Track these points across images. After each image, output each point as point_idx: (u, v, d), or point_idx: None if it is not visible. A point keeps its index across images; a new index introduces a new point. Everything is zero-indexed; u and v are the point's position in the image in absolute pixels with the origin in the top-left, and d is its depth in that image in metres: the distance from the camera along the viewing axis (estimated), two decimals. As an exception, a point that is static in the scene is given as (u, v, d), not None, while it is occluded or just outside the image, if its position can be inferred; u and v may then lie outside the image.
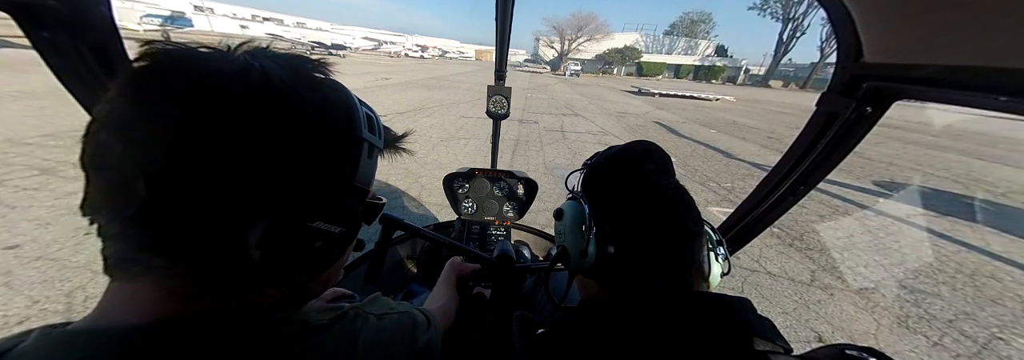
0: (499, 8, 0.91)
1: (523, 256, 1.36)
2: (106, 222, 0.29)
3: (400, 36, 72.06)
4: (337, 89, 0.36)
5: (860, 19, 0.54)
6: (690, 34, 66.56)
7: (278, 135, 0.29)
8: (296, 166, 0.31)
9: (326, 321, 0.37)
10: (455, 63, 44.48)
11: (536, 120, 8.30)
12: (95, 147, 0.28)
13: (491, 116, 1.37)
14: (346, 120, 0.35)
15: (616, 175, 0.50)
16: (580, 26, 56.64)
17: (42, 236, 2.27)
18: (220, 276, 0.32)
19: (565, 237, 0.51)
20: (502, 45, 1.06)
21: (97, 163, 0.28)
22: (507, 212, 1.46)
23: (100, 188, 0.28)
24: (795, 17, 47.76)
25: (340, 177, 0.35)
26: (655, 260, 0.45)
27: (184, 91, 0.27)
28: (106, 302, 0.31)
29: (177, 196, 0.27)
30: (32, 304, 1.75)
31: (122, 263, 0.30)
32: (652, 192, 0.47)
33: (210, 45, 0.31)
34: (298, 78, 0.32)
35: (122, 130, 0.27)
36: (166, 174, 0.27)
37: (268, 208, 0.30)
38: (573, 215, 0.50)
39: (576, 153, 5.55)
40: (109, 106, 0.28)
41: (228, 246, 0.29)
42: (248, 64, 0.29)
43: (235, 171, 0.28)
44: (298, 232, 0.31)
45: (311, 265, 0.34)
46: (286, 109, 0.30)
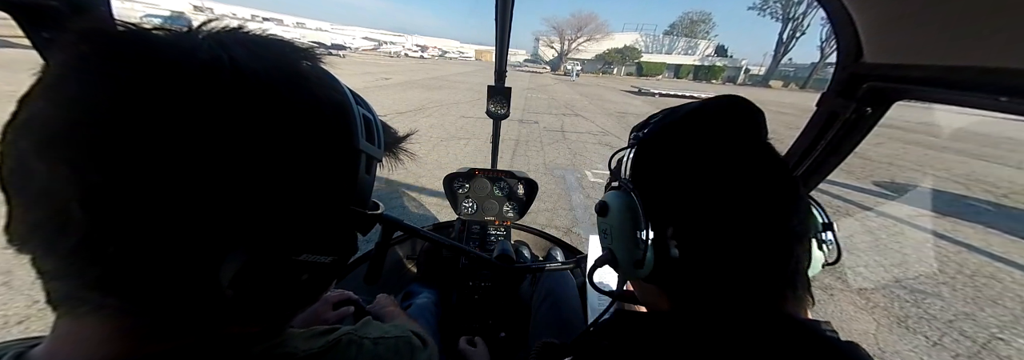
0: (499, 8, 0.91)
1: (523, 256, 1.36)
2: (40, 256, 0.24)
3: (400, 36, 72.07)
4: (329, 86, 0.29)
5: (860, 19, 0.54)
6: (690, 34, 66.53)
7: (254, 148, 0.23)
8: (277, 186, 0.24)
9: (317, 350, 0.31)
10: (455, 63, 44.49)
11: (536, 120, 8.30)
12: (15, 161, 0.22)
13: (491, 116, 1.37)
14: (340, 127, 0.29)
15: (681, 152, 0.37)
16: (580, 26, 56.67)
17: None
18: (184, 315, 0.26)
19: (611, 238, 0.40)
20: (502, 45, 1.07)
21: (17, 182, 0.22)
22: (507, 212, 1.46)
23: (24, 215, 0.22)
24: (795, 17, 47.77)
25: (332, 199, 0.29)
26: (741, 272, 0.33)
27: (131, 90, 0.20)
28: (55, 338, 0.26)
29: (126, 225, 0.21)
30: (32, 304, 1.75)
31: (66, 300, 0.25)
32: (737, 175, 0.34)
33: (166, 27, 0.24)
34: (280, 72, 0.25)
35: (49, 141, 0.20)
36: (110, 198, 0.20)
37: (243, 239, 0.24)
38: (620, 211, 0.38)
39: (576, 153, 5.55)
40: (30, 108, 0.21)
41: (194, 284, 0.24)
42: (215, 55, 0.22)
43: (199, 193, 0.22)
44: (281, 266, 0.26)
45: (296, 301, 0.30)
46: (266, 113, 0.23)
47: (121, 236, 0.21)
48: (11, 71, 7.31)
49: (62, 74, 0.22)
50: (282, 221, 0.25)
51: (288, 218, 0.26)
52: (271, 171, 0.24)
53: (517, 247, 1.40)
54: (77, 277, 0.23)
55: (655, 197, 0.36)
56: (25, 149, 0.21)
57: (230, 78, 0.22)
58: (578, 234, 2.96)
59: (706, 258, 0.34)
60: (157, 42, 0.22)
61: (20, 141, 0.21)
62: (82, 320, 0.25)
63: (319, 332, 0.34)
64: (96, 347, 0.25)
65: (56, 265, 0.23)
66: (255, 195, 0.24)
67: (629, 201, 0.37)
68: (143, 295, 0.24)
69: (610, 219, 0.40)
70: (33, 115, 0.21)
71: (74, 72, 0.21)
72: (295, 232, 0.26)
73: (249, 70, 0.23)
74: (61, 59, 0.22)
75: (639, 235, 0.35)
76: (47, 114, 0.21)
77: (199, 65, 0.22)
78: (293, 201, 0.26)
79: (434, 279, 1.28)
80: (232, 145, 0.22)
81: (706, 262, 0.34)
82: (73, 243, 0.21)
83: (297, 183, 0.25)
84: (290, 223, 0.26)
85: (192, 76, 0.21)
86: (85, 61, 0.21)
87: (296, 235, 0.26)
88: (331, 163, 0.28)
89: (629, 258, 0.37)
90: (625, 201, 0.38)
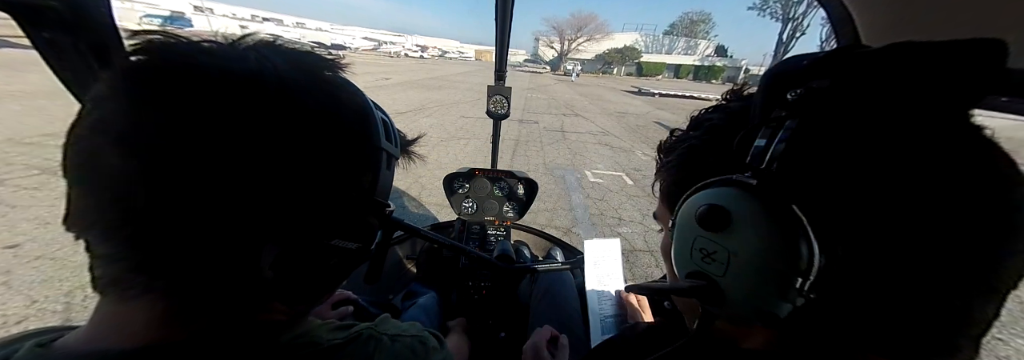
0: (499, 8, 0.91)
1: (523, 256, 1.36)
2: (98, 240, 0.26)
3: (400, 36, 72.07)
4: (352, 92, 0.32)
5: (860, 19, 0.54)
6: (690, 34, 66.55)
7: (296, 146, 0.26)
8: (314, 180, 0.28)
9: (339, 341, 0.33)
10: (455, 63, 44.48)
11: (536, 120, 8.30)
12: (86, 155, 0.24)
13: (491, 116, 1.37)
14: (364, 128, 0.32)
15: (900, 134, 0.22)
16: (580, 26, 56.70)
17: (42, 235, 2.26)
18: (226, 296, 0.29)
19: (728, 269, 0.26)
20: (502, 45, 1.06)
21: (87, 174, 0.25)
22: (507, 212, 1.46)
23: (89, 202, 0.25)
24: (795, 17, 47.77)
25: (360, 191, 0.33)
26: (925, 323, 0.23)
27: (194, 95, 0.24)
28: (98, 323, 0.28)
29: (183, 213, 0.24)
30: (31, 304, 1.75)
31: (116, 283, 0.27)
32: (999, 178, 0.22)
33: (210, 38, 0.28)
34: (314, 81, 0.29)
35: (121, 137, 0.23)
36: (171, 189, 0.23)
37: (283, 226, 0.27)
38: (767, 233, 0.23)
39: (576, 153, 5.55)
40: (102, 108, 0.24)
41: (239, 266, 0.27)
42: (261, 65, 0.26)
43: (249, 185, 0.25)
44: (315, 251, 0.30)
45: (326, 283, 0.33)
46: (304, 117, 0.27)
47: (178, 222, 0.24)
48: (12, 71, 7.31)
49: (132, 79, 0.25)
50: (317, 209, 0.29)
51: (322, 207, 0.29)
52: (309, 165, 0.27)
53: (517, 247, 1.40)
54: (132, 260, 0.26)
55: (843, 209, 0.22)
56: (101, 144, 0.24)
57: (275, 86, 0.25)
58: (578, 234, 2.96)
59: (883, 301, 0.23)
60: (210, 53, 0.26)
61: (96, 137, 0.24)
62: (129, 304, 0.27)
63: (338, 326, 0.36)
64: (141, 330, 0.27)
65: (114, 249, 0.26)
66: (295, 186, 0.27)
67: (783, 213, 0.23)
68: (191, 277, 0.27)
69: (733, 238, 0.25)
70: (107, 114, 0.24)
71: (141, 78, 0.24)
72: (328, 220, 0.30)
73: (289, 79, 0.26)
74: (128, 66, 0.25)
75: (798, 271, 0.22)
76: (121, 114, 0.24)
77: (249, 74, 0.25)
78: (327, 192, 0.29)
79: (434, 279, 1.28)
80: (279, 144, 0.25)
81: (880, 305, 0.23)
82: (133, 229, 0.24)
83: (330, 176, 0.29)
84: (324, 211, 0.29)
85: (242, 84, 0.25)
86: (150, 69, 0.25)
87: (329, 222, 0.30)
88: (358, 160, 0.32)
89: (760, 304, 0.24)
90: (775, 213, 0.23)
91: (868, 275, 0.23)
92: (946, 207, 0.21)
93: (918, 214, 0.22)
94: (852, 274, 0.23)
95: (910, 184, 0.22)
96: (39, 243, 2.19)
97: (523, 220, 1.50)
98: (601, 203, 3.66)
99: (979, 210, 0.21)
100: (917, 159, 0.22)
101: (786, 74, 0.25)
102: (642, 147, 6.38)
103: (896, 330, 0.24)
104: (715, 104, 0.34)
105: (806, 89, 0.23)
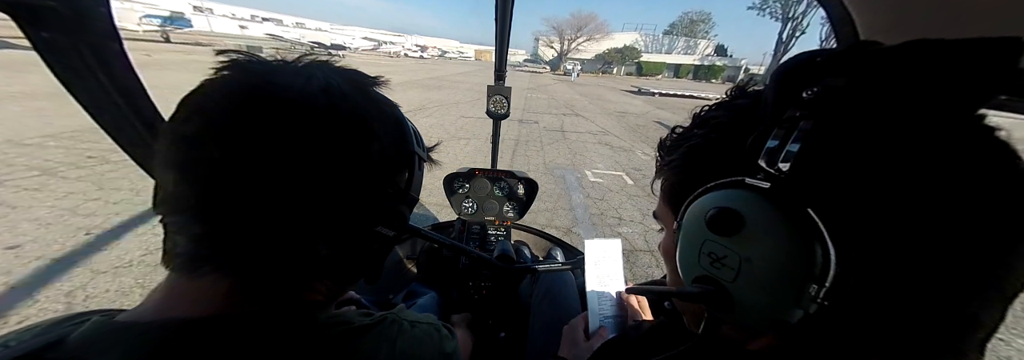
0: (499, 8, 0.91)
1: (523, 256, 1.36)
2: (189, 221, 0.30)
3: (399, 36, 72.06)
4: (391, 104, 0.38)
5: (859, 19, 0.54)
6: (689, 34, 66.51)
7: (352, 148, 0.32)
8: (365, 176, 0.33)
9: (368, 322, 0.37)
10: (455, 63, 44.47)
11: (536, 120, 8.30)
12: (192, 150, 0.29)
13: (491, 116, 1.37)
14: (401, 135, 0.38)
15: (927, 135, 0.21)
16: (580, 26, 56.66)
17: (43, 236, 2.27)
18: (285, 273, 0.33)
19: (740, 274, 0.25)
20: (502, 45, 1.06)
21: (189, 166, 0.29)
22: (507, 212, 1.46)
23: (185, 189, 0.29)
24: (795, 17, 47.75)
25: (398, 187, 0.38)
26: (928, 327, 0.23)
27: (278, 105, 0.29)
28: (168, 295, 0.32)
29: (263, 199, 0.29)
30: (31, 304, 1.75)
31: (194, 259, 0.31)
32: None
33: (277, 57, 0.34)
34: (365, 96, 0.35)
35: (222, 137, 0.28)
36: (257, 179, 0.28)
37: (340, 213, 0.33)
38: (783, 239, 0.23)
39: (576, 153, 5.55)
40: (205, 114, 0.29)
41: (299, 247, 0.32)
42: (328, 83, 0.31)
43: (320, 180, 0.30)
44: (363, 234, 0.35)
45: (368, 264, 0.39)
46: (359, 125, 0.32)
47: (258, 207, 0.29)
48: (11, 71, 7.31)
49: (227, 93, 0.30)
50: (365, 201, 0.34)
51: (369, 199, 0.34)
52: (362, 165, 0.33)
53: (517, 247, 1.40)
54: (216, 238, 0.30)
55: (865, 214, 0.22)
56: (206, 142, 0.28)
57: (338, 99, 0.31)
58: (578, 234, 2.96)
59: (893, 303, 0.22)
60: (285, 71, 0.32)
61: (202, 136, 0.28)
62: (201, 279, 0.31)
63: (364, 312, 0.40)
64: (210, 302, 0.31)
65: (200, 229, 0.30)
66: (350, 181, 0.32)
67: (800, 218, 0.22)
68: (258, 256, 0.31)
69: (745, 243, 0.24)
70: (212, 119, 0.29)
71: (234, 92, 0.30)
72: (373, 209, 0.35)
73: (348, 94, 0.32)
74: (221, 80, 0.31)
75: (812, 278, 0.22)
76: (222, 119, 0.29)
77: (318, 89, 0.30)
78: (373, 187, 0.35)
79: (434, 279, 1.28)
80: (343, 147, 0.31)
81: (889, 307, 0.22)
82: (221, 212, 0.29)
83: (376, 174, 0.35)
84: (371, 202, 0.34)
85: (313, 96, 0.30)
86: (241, 83, 0.30)
87: (374, 212, 0.35)
88: (397, 161, 0.38)
89: (772, 312, 0.24)
90: (792, 218, 0.22)
91: (882, 280, 0.22)
92: (963, 211, 0.21)
93: (934, 218, 0.21)
94: (866, 279, 0.22)
95: (928, 187, 0.21)
96: (40, 244, 2.19)
97: (523, 220, 1.50)
98: (601, 203, 3.66)
99: (995, 214, 0.21)
100: (936, 161, 0.21)
101: (799, 71, 0.24)
102: (642, 147, 6.38)
103: (904, 334, 0.23)
104: (719, 101, 0.33)
105: (823, 87, 0.22)
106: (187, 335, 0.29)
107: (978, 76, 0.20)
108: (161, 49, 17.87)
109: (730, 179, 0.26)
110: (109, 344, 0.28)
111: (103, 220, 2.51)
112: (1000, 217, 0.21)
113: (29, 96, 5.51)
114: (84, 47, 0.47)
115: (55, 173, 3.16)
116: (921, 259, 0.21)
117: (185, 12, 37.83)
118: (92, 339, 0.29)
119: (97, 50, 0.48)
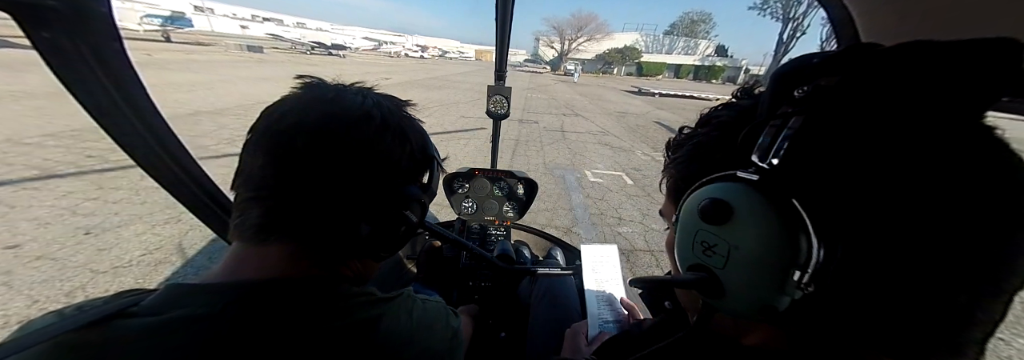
0: (499, 8, 0.91)
1: (523, 256, 1.36)
2: (268, 196, 0.38)
3: (400, 36, 72.07)
4: (418, 120, 0.48)
5: (860, 19, 0.54)
6: (690, 34, 66.50)
7: (393, 151, 0.41)
8: (402, 171, 0.43)
9: (388, 296, 0.45)
10: (455, 63, 44.49)
11: (536, 120, 8.30)
12: (285, 140, 0.37)
13: (491, 116, 1.37)
14: (425, 142, 0.47)
15: (921, 128, 0.22)
16: (580, 26, 56.64)
17: (42, 235, 2.27)
18: (331, 247, 0.41)
19: (729, 261, 0.26)
20: (502, 45, 1.07)
21: (280, 152, 0.37)
22: (507, 212, 1.45)
23: (270, 172, 0.37)
24: (795, 17, 47.75)
25: (423, 181, 0.48)
26: (928, 324, 0.23)
27: (350, 114, 0.39)
28: (236, 261, 0.39)
29: (328, 182, 0.38)
30: (32, 304, 1.75)
31: (265, 229, 0.38)
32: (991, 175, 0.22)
33: (334, 80, 0.45)
34: (403, 111, 0.45)
35: (309, 131, 0.37)
36: (327, 166, 0.37)
37: (381, 198, 0.41)
38: (764, 221, 0.24)
39: (576, 153, 5.55)
40: (295, 115, 0.38)
41: (349, 222, 0.40)
42: (378, 101, 0.42)
43: (370, 170, 0.40)
44: (396, 217, 0.43)
45: (397, 242, 0.45)
46: (400, 133, 0.42)
47: (322, 188, 0.38)
48: (12, 71, 7.31)
49: (307, 101, 0.40)
50: (399, 190, 0.43)
51: (401, 188, 0.43)
52: (401, 164, 0.43)
53: (517, 247, 1.40)
54: (286, 209, 0.38)
55: (844, 204, 0.22)
56: (295, 134, 0.37)
57: (386, 112, 0.41)
58: (578, 234, 2.96)
59: (888, 296, 0.23)
60: (345, 89, 0.43)
61: (292, 130, 0.37)
62: (267, 247, 0.38)
63: (384, 291, 0.47)
64: (274, 266, 0.38)
65: (274, 204, 0.38)
66: (393, 175, 0.42)
67: (784, 207, 0.23)
68: (316, 228, 0.39)
69: (734, 231, 0.26)
70: (301, 120, 0.38)
71: (313, 101, 0.40)
72: (404, 197, 0.43)
73: (391, 108, 0.43)
74: (304, 93, 0.41)
75: (796, 265, 0.23)
76: (308, 120, 0.38)
77: (372, 104, 0.41)
78: (406, 178, 0.45)
79: (434, 279, 1.28)
80: (390, 150, 0.41)
81: (886, 301, 0.23)
82: (295, 188, 0.37)
83: (411, 171, 0.45)
84: (402, 191, 0.43)
85: (370, 109, 0.40)
86: (319, 96, 0.40)
87: (404, 199, 0.43)
88: (422, 162, 0.47)
89: (759, 297, 0.25)
90: (776, 207, 0.23)
91: (871, 271, 0.23)
92: (947, 205, 0.21)
93: (918, 211, 0.21)
94: (855, 269, 0.23)
95: (911, 182, 0.22)
96: (39, 243, 2.19)
97: (523, 220, 1.50)
98: (601, 203, 3.66)
99: (982, 210, 0.21)
100: (920, 157, 0.21)
101: (796, 71, 0.25)
102: (642, 147, 6.39)
103: (898, 328, 0.24)
104: (726, 102, 0.34)
105: (813, 86, 0.24)
106: (254, 293, 0.36)
107: (971, 78, 0.21)
108: (162, 49, 17.88)
109: (724, 173, 0.28)
110: (186, 302, 0.34)
111: (103, 220, 2.51)
112: (983, 211, 0.21)
113: (29, 95, 5.52)
114: (85, 47, 0.47)
115: (55, 173, 3.16)
116: (905, 250, 0.22)
117: (186, 12, 37.78)
118: (169, 300, 0.34)
119: (98, 50, 0.48)
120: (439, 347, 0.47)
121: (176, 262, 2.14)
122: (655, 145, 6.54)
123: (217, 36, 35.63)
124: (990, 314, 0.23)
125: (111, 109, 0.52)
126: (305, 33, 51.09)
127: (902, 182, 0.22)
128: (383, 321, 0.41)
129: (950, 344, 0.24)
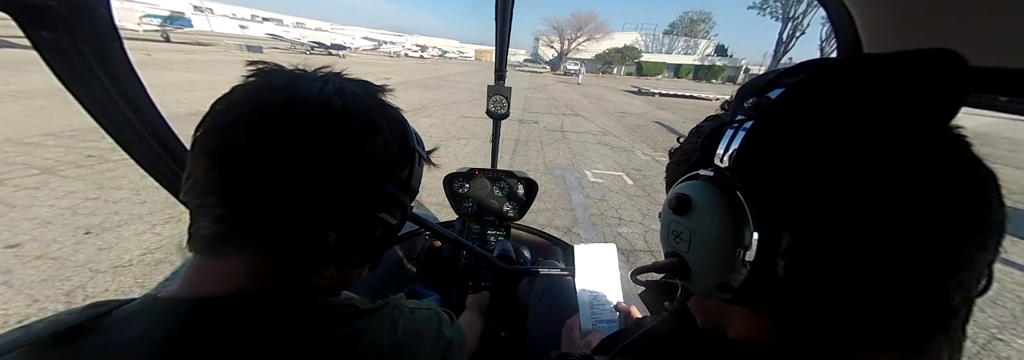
0: (499, 8, 0.91)
1: (523, 256, 1.36)
2: (214, 203, 0.34)
3: (400, 36, 72.09)
4: (395, 108, 0.43)
5: (860, 18, 0.54)
6: (690, 33, 66.47)
7: (361, 143, 0.36)
8: (370, 168, 0.38)
9: (372, 306, 0.41)
10: (455, 63, 44.47)
11: (536, 120, 8.30)
12: (226, 139, 0.33)
13: (491, 116, 1.37)
14: (403, 133, 0.42)
15: (845, 130, 0.24)
16: (580, 26, 56.61)
17: (42, 235, 2.27)
18: (297, 256, 0.37)
19: (689, 245, 0.31)
20: (502, 45, 1.07)
21: (222, 152, 0.33)
22: (507, 212, 1.45)
23: (215, 174, 0.33)
24: (795, 16, 47.73)
25: (401, 178, 0.43)
26: (892, 302, 0.25)
27: (299, 105, 0.34)
28: (195, 275, 0.36)
29: (283, 184, 0.33)
30: (32, 303, 1.75)
31: (218, 240, 0.34)
32: (919, 169, 0.24)
33: (295, 66, 0.39)
34: (372, 99, 0.40)
35: (252, 128, 0.32)
36: (278, 166, 0.33)
37: (347, 199, 0.36)
38: (713, 209, 0.28)
39: (576, 153, 5.55)
40: (238, 109, 0.33)
41: (314, 229, 0.36)
42: (342, 87, 0.36)
43: (333, 169, 0.35)
44: (368, 220, 0.39)
45: (372, 249, 0.42)
46: (370, 123, 0.37)
47: (277, 191, 0.33)
48: (12, 71, 7.31)
49: (253, 91, 0.35)
50: (370, 189, 0.38)
51: (374, 187, 0.38)
52: (368, 157, 0.37)
53: (517, 247, 1.40)
54: (237, 219, 0.34)
55: (777, 195, 0.26)
56: (238, 132, 0.32)
57: (350, 100, 0.36)
58: (578, 234, 2.96)
59: (844, 282, 0.25)
60: (303, 76, 0.37)
61: (234, 126, 0.33)
62: (225, 259, 0.35)
63: (368, 300, 0.44)
64: (233, 281, 0.35)
65: (225, 211, 0.34)
66: (361, 172, 0.37)
67: (729, 198, 0.27)
68: (278, 235, 0.35)
69: (693, 219, 0.30)
70: (244, 113, 0.33)
71: (259, 90, 0.35)
72: (377, 197, 0.39)
73: (358, 95, 0.37)
74: (252, 84, 0.35)
75: (741, 245, 0.27)
76: (252, 114, 0.33)
77: (333, 92, 0.35)
78: (378, 176, 0.39)
79: (434, 279, 1.28)
80: (354, 142, 0.36)
81: (843, 287, 0.25)
82: (246, 194, 0.33)
83: (381, 165, 0.39)
84: (375, 191, 0.38)
85: (329, 97, 0.35)
86: (268, 89, 0.35)
87: (377, 200, 0.39)
88: (399, 155, 0.41)
89: (714, 274, 0.29)
90: (722, 197, 0.28)
91: (825, 257, 0.25)
92: (881, 197, 0.24)
93: (853, 203, 0.24)
94: (810, 255, 0.25)
95: (843, 178, 0.24)
96: (39, 243, 2.19)
97: (523, 220, 1.50)
98: (601, 203, 3.66)
99: (919, 200, 0.23)
100: (852, 158, 0.24)
101: (753, 86, 0.30)
102: (642, 147, 6.38)
103: (861, 314, 0.26)
104: (712, 114, 0.38)
105: (759, 98, 0.27)
106: (213, 310, 0.33)
107: (903, 89, 0.24)
108: (161, 49, 17.87)
109: (692, 173, 0.32)
110: (148, 316, 0.33)
111: (103, 219, 2.51)
112: (921, 202, 0.23)
113: (29, 95, 5.52)
114: (84, 46, 0.47)
115: (55, 172, 3.16)
116: (851, 238, 0.24)
117: (185, 12, 37.80)
118: (136, 312, 0.33)
119: (97, 49, 0.48)
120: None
121: (176, 262, 2.14)
122: (655, 145, 6.52)
123: (216, 36, 35.60)
124: (950, 301, 0.25)
125: (111, 109, 0.52)
126: (304, 33, 51.15)
127: (834, 178, 0.24)
128: (364, 335, 0.37)
129: (917, 336, 0.25)
